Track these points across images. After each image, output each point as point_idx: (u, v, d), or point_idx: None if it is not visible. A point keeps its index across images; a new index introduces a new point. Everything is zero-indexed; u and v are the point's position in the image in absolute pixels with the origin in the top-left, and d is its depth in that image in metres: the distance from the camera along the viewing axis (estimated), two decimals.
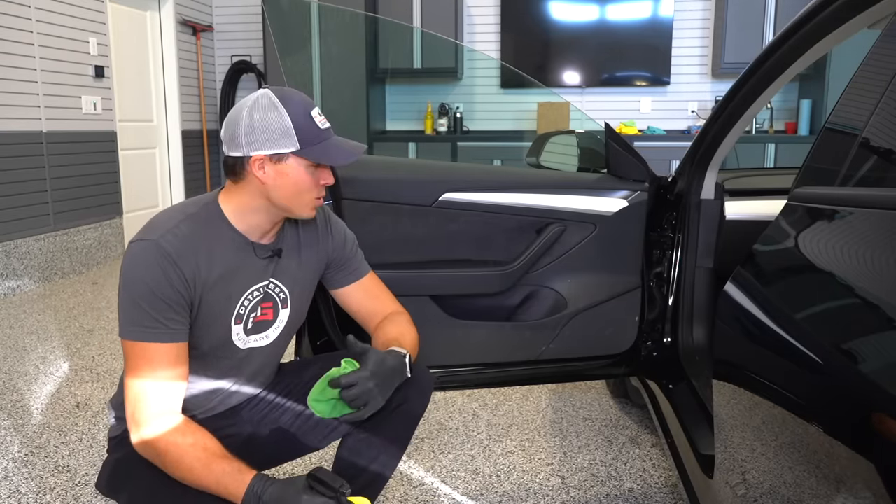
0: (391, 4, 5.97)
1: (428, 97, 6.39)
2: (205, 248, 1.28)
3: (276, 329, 1.44)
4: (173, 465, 1.21)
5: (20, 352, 3.25)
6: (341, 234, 1.54)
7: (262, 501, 1.15)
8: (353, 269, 1.56)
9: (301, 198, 1.31)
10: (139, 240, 1.26)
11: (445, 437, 2.39)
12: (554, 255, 1.97)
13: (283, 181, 1.28)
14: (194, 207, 1.32)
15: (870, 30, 1.26)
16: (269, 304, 1.40)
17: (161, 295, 1.23)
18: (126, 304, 1.24)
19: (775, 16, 5.69)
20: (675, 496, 2.01)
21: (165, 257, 1.23)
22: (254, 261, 1.36)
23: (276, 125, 1.25)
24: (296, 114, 1.27)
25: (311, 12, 5.86)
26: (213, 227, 1.31)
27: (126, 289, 1.24)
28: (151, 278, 1.22)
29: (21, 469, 2.15)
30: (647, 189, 2.00)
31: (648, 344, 2.07)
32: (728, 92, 1.70)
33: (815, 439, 0.83)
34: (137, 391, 1.24)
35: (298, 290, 1.45)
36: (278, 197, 1.30)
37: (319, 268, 1.51)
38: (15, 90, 4.25)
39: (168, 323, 1.24)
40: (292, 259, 1.43)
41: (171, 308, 1.24)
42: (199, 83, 6.47)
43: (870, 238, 0.96)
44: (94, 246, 4.98)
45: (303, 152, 1.27)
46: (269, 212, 1.33)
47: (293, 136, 1.26)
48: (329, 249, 1.51)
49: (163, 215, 1.31)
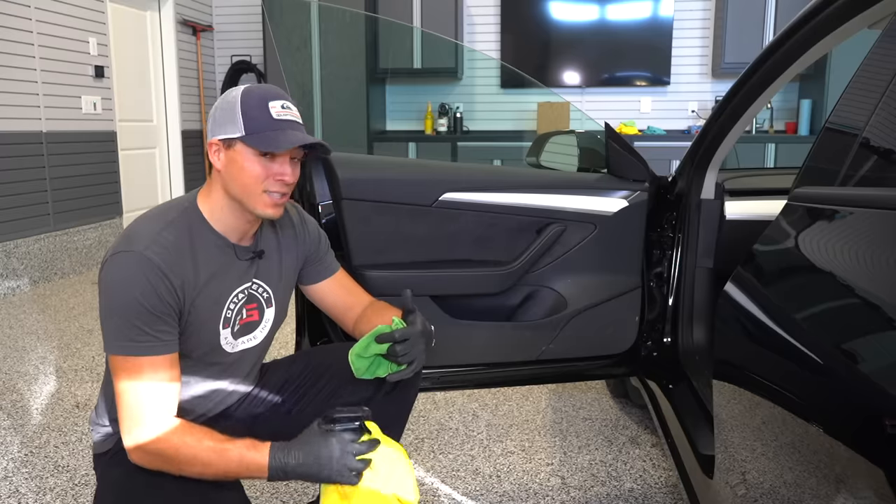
0: (391, 4, 5.97)
1: (428, 97, 6.39)
2: (190, 255, 1.27)
3: (263, 329, 1.45)
4: (188, 463, 1.21)
5: (20, 352, 3.25)
6: (315, 231, 1.55)
7: (289, 464, 1.19)
8: (328, 264, 1.57)
9: (249, 188, 1.27)
10: (122, 251, 1.21)
11: (445, 437, 2.39)
12: (554, 255, 1.97)
13: (232, 168, 1.27)
14: (174, 213, 1.30)
15: (870, 30, 1.26)
16: (253, 304, 1.40)
17: (151, 308, 1.20)
18: (113, 319, 1.20)
19: (775, 16, 5.69)
20: (675, 496, 2.01)
21: (154, 270, 1.20)
22: (236, 263, 1.35)
23: (227, 111, 1.26)
24: (248, 102, 1.26)
25: (311, 12, 5.86)
26: (195, 232, 1.30)
27: (112, 302, 1.20)
28: (141, 292, 1.19)
29: (21, 469, 2.15)
30: (647, 189, 2.00)
31: (648, 344, 2.07)
32: (728, 92, 1.70)
33: (815, 439, 0.83)
34: (134, 404, 1.21)
35: (281, 288, 1.46)
36: (232, 188, 1.28)
37: (298, 265, 1.52)
38: (15, 90, 4.25)
39: (160, 335, 1.22)
40: (273, 259, 1.43)
41: (162, 320, 1.22)
42: (199, 83, 6.47)
43: (870, 238, 0.96)
44: (94, 246, 4.98)
45: (246, 138, 1.25)
46: (233, 209, 1.31)
47: (239, 122, 1.25)
48: (305, 246, 1.52)
49: (142, 224, 1.27)
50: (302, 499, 1.98)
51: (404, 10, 5.96)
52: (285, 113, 1.28)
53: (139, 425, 1.21)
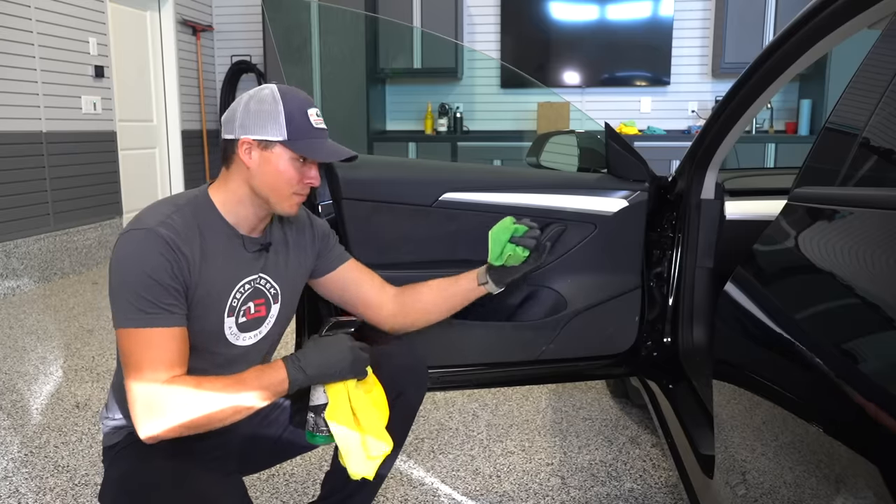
0: (391, 4, 5.97)
1: (428, 97, 6.39)
2: (199, 237, 1.30)
3: (268, 325, 1.45)
4: (212, 404, 1.21)
5: (20, 352, 3.25)
6: (322, 225, 1.58)
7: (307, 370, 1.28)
8: (338, 254, 1.59)
9: (281, 189, 1.33)
10: (133, 229, 1.25)
11: (445, 437, 2.39)
12: (554, 255, 1.97)
13: (266, 168, 1.31)
14: (184, 199, 1.34)
15: (870, 30, 1.26)
16: (261, 300, 1.41)
17: (160, 280, 1.22)
18: (123, 293, 1.22)
19: (775, 16, 5.69)
20: (675, 496, 2.01)
21: (163, 244, 1.23)
22: (244, 253, 1.37)
23: (269, 113, 1.30)
24: (290, 107, 1.31)
25: (311, 12, 5.86)
26: (204, 217, 1.33)
27: (122, 277, 1.23)
28: (150, 265, 1.22)
29: (21, 469, 2.15)
30: (647, 189, 2.00)
31: (648, 344, 2.07)
32: (728, 92, 1.70)
33: (815, 439, 0.83)
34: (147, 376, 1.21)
35: (288, 286, 1.47)
36: (260, 185, 1.32)
37: (308, 264, 1.53)
38: (15, 90, 4.25)
39: (170, 308, 1.24)
40: (280, 255, 1.45)
41: (170, 294, 1.24)
42: (199, 83, 6.47)
43: (870, 238, 0.96)
44: (94, 246, 4.98)
45: (289, 143, 1.30)
46: (254, 203, 1.35)
47: (283, 126, 1.30)
48: (315, 242, 1.54)
49: (152, 209, 1.30)
50: (302, 499, 1.98)
51: (404, 10, 5.96)
52: (320, 122, 1.35)
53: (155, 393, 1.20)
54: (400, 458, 2.21)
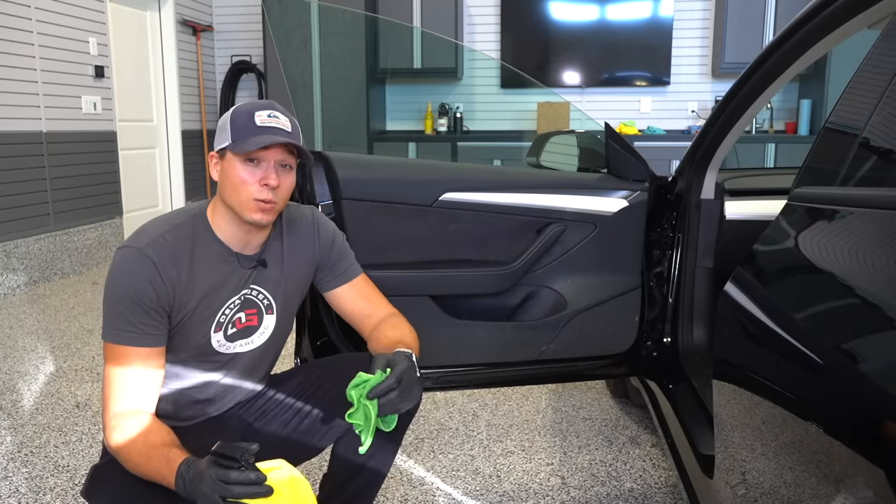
0: (391, 4, 5.97)
1: (428, 97, 6.39)
2: (188, 259, 1.32)
3: (262, 335, 1.45)
4: (125, 461, 1.25)
5: (20, 352, 3.25)
6: (329, 236, 1.53)
7: (186, 485, 1.15)
8: (343, 270, 1.55)
9: (240, 195, 1.30)
10: (125, 247, 1.30)
11: (445, 437, 2.39)
12: (554, 255, 1.97)
13: (224, 178, 1.33)
14: (183, 217, 1.36)
15: (870, 30, 1.26)
16: (252, 310, 1.42)
17: (139, 301, 1.26)
18: (107, 308, 1.29)
19: (775, 16, 5.69)
20: (675, 496, 2.01)
21: (149, 265, 1.27)
22: (238, 272, 1.38)
23: (223, 124, 1.33)
24: (238, 113, 1.32)
25: (311, 12, 5.86)
26: (198, 238, 1.34)
27: (108, 293, 1.29)
28: (132, 284, 1.26)
29: (21, 469, 2.15)
30: (647, 189, 2.00)
31: (648, 344, 2.07)
32: (728, 92, 1.70)
33: (815, 439, 0.83)
34: (108, 392, 1.28)
35: (284, 297, 1.46)
36: (225, 196, 1.33)
37: (308, 273, 1.51)
38: (15, 90, 4.25)
39: (143, 328, 1.28)
40: (276, 268, 1.44)
41: (148, 314, 1.28)
42: (199, 83, 6.47)
43: (870, 238, 0.96)
44: (94, 246, 4.98)
45: (232, 146, 1.30)
46: (233, 218, 1.34)
47: (228, 132, 1.31)
48: (317, 253, 1.51)
49: (152, 224, 1.34)
50: None
51: (404, 10, 5.96)
52: (270, 121, 1.31)
53: (106, 414, 1.27)
54: (400, 457, 2.21)
